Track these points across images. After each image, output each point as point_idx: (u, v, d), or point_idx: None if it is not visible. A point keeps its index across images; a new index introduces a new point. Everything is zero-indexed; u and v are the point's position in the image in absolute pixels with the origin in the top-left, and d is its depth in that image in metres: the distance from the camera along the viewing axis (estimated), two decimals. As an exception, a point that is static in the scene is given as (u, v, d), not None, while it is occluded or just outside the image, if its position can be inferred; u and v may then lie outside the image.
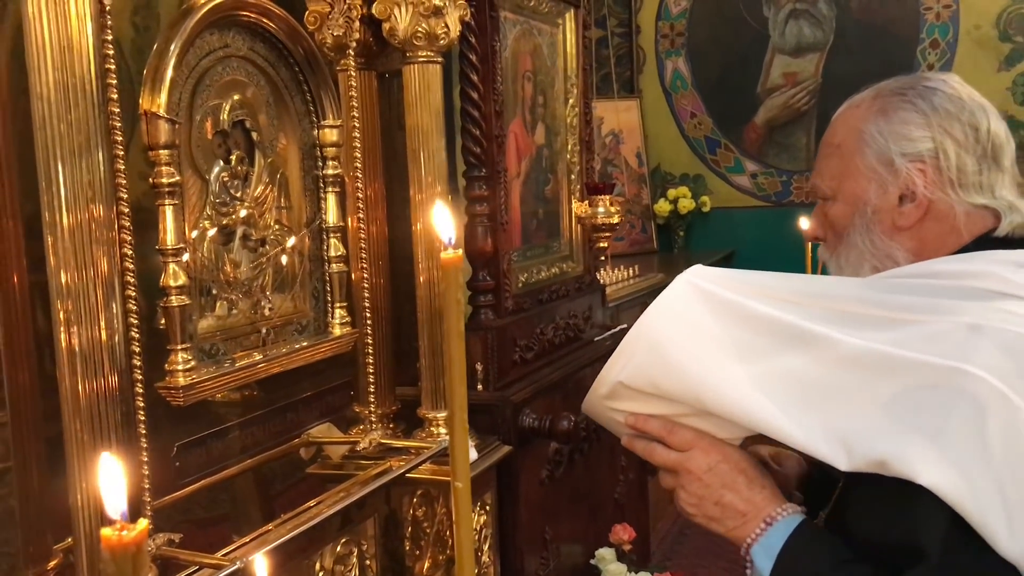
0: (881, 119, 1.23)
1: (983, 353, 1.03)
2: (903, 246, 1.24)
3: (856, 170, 1.25)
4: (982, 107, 1.25)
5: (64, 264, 1.25)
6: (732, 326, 1.19)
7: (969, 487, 0.99)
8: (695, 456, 1.23)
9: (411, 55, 2.08)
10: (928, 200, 1.21)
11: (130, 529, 0.50)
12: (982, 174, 1.20)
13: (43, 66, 1.23)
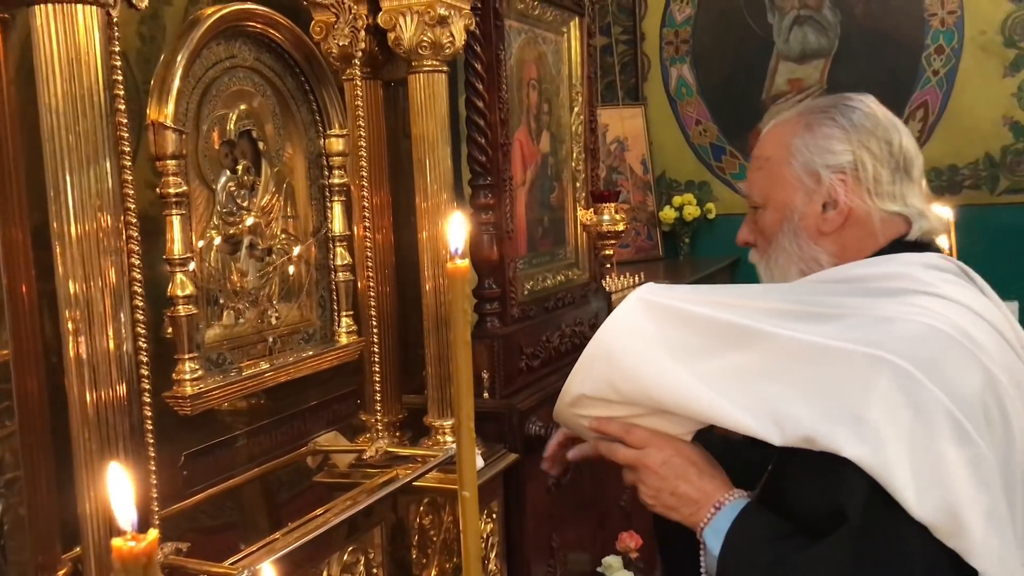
0: (807, 134, 1.35)
1: (895, 341, 1.17)
2: (827, 249, 1.35)
3: (784, 180, 1.37)
4: (895, 125, 1.39)
5: (72, 273, 1.25)
6: (680, 331, 1.30)
7: (884, 458, 1.11)
8: (651, 452, 1.35)
9: (416, 64, 2.09)
10: (849, 207, 1.34)
11: (140, 539, 0.50)
12: (895, 184, 1.34)
13: (51, 77, 1.24)
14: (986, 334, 1.24)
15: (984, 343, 1.22)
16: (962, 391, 1.15)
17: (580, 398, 1.39)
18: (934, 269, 1.30)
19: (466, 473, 0.67)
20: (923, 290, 1.25)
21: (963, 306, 1.24)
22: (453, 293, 0.66)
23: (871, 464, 1.12)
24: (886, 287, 1.28)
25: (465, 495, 0.67)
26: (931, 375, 1.15)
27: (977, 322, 1.24)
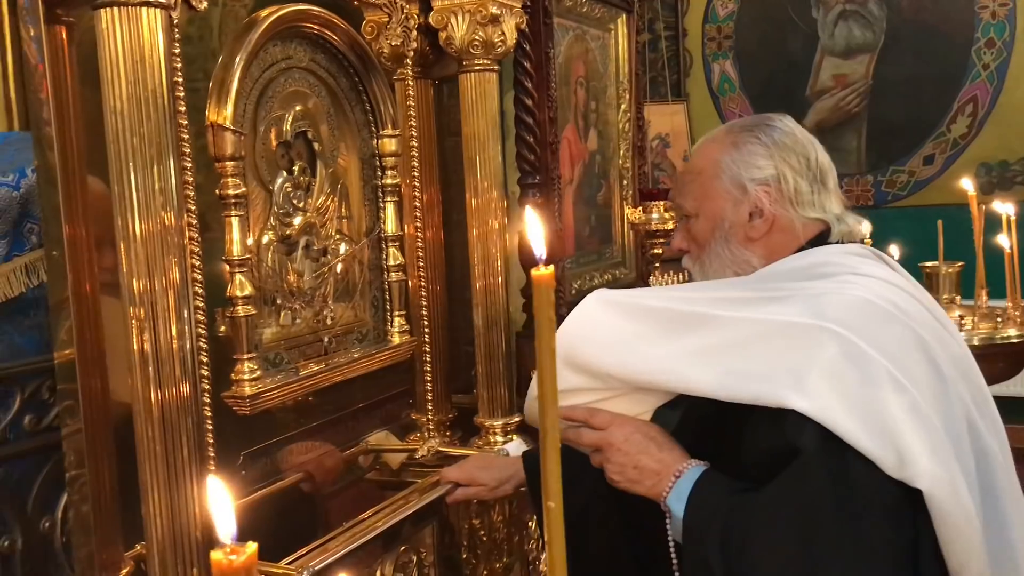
0: (734, 151, 1.48)
1: (832, 311, 1.31)
2: (756, 253, 1.48)
3: (715, 192, 1.49)
4: (811, 142, 1.53)
5: (137, 271, 1.26)
6: (638, 323, 1.43)
7: (831, 408, 1.24)
8: (613, 431, 1.44)
9: (467, 63, 2.08)
10: (773, 215, 1.46)
11: (240, 552, 0.49)
12: (814, 194, 1.47)
13: (116, 80, 1.25)
14: (906, 301, 1.39)
15: (907, 308, 1.37)
16: (893, 348, 1.29)
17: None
18: (854, 255, 1.45)
19: (551, 483, 0.66)
20: (847, 271, 1.39)
21: (883, 280, 1.39)
22: (539, 300, 0.64)
23: (819, 414, 1.24)
24: (816, 272, 1.42)
25: (550, 505, 0.66)
26: (865, 337, 1.28)
27: (897, 292, 1.39)
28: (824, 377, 1.26)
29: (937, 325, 1.42)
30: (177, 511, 1.30)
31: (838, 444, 1.23)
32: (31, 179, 1.72)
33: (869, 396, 1.25)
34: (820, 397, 1.25)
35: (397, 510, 1.86)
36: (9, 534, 1.62)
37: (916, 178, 5.53)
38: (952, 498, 1.23)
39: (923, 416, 1.26)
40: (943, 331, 1.42)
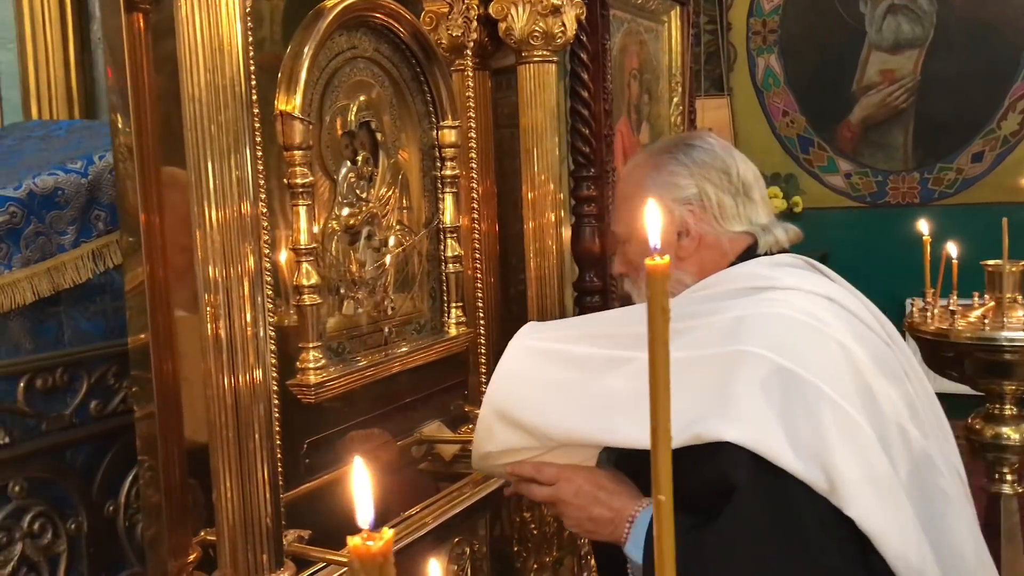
0: (655, 173, 1.50)
1: (751, 334, 1.30)
2: (687, 272, 1.49)
3: (641, 214, 1.47)
4: (732, 156, 1.53)
5: (212, 258, 1.27)
6: (561, 371, 1.44)
7: (760, 434, 1.23)
8: (562, 487, 1.45)
9: (527, 54, 2.07)
10: (700, 234, 1.49)
11: (376, 538, 0.49)
12: (738, 207, 1.48)
13: (195, 68, 1.25)
14: (832, 313, 1.37)
15: (831, 320, 1.35)
16: (817, 364, 1.28)
17: (488, 455, 1.51)
18: (781, 266, 1.45)
19: (663, 477, 0.65)
20: (769, 285, 1.39)
21: (807, 292, 1.38)
22: (652, 291, 0.63)
23: (749, 441, 1.23)
24: (737, 288, 1.41)
25: (661, 499, 0.65)
26: (787, 355, 1.27)
27: (822, 303, 1.38)
28: (751, 402, 1.25)
29: (865, 330, 1.41)
30: (248, 497, 1.31)
31: (773, 471, 1.23)
32: (99, 166, 1.74)
33: (797, 417, 1.24)
34: (750, 424, 1.24)
35: (452, 502, 1.86)
36: (75, 517, 1.65)
37: (964, 176, 5.45)
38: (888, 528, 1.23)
39: (853, 432, 1.26)
40: (872, 335, 1.41)
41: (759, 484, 1.24)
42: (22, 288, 1.59)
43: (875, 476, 1.25)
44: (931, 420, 1.43)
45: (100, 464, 1.70)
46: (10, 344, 1.59)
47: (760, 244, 1.49)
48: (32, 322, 1.63)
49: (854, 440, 1.25)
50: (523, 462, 1.47)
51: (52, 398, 1.62)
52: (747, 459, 1.24)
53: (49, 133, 2.02)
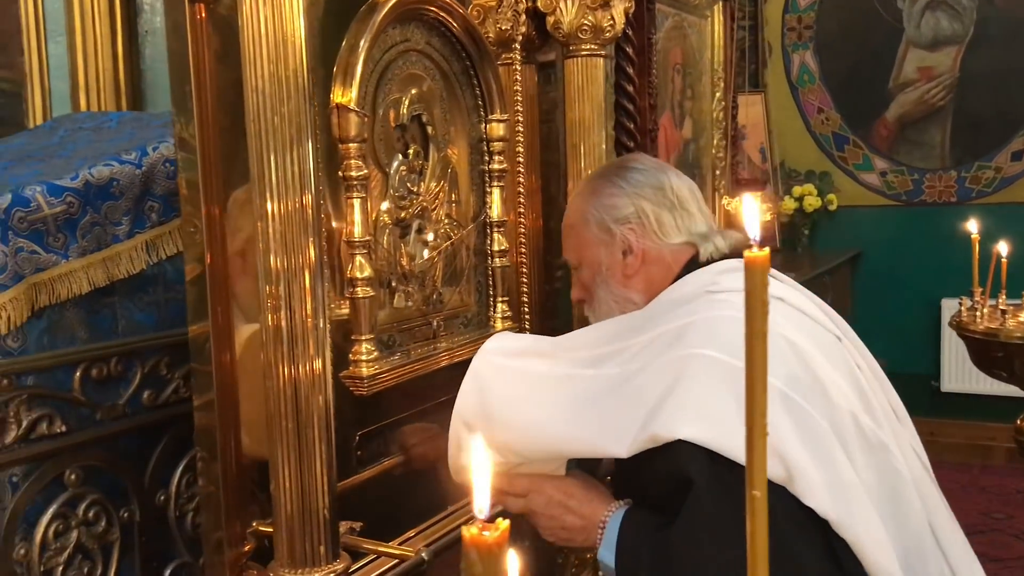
0: (594, 199, 1.57)
1: (698, 338, 1.33)
2: (635, 288, 1.55)
3: (587, 241, 1.58)
4: (664, 171, 1.59)
5: (273, 250, 1.27)
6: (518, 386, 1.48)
7: (715, 429, 1.25)
8: (533, 498, 1.48)
9: (574, 48, 2.07)
10: (642, 249, 1.54)
11: (492, 529, 0.49)
12: (676, 220, 1.54)
13: (259, 59, 1.26)
14: (780, 312, 1.40)
15: (778, 319, 1.37)
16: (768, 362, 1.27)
17: (460, 467, 1.53)
18: (729, 272, 1.48)
19: (757, 472, 0.64)
20: (713, 291, 1.43)
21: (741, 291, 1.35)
22: (752, 283, 0.63)
23: (703, 437, 1.25)
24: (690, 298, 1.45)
25: (755, 494, 0.64)
26: (734, 354, 1.29)
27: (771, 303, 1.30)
28: (702, 401, 1.28)
29: (815, 326, 1.44)
30: (306, 488, 1.31)
31: (729, 464, 1.25)
32: (152, 157, 1.75)
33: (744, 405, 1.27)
34: (702, 421, 1.27)
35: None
36: (128, 506, 1.66)
37: (1003, 174, 5.38)
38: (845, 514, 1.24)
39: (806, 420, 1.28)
40: (823, 331, 1.44)
41: (716, 479, 1.25)
42: (78, 278, 1.60)
43: (830, 464, 1.27)
44: (886, 410, 1.46)
45: (152, 454, 1.71)
46: (66, 334, 1.61)
47: (701, 253, 1.54)
48: (87, 312, 1.64)
49: (808, 430, 1.28)
50: (495, 475, 1.47)
51: (106, 388, 1.64)
52: (702, 455, 1.26)
53: (100, 124, 2.04)
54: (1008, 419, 3.46)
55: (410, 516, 1.70)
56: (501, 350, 1.51)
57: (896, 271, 5.63)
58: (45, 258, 1.56)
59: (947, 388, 5.51)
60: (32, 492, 1.52)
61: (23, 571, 1.51)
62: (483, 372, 1.50)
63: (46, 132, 2.08)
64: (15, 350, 1.51)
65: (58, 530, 1.55)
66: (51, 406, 1.54)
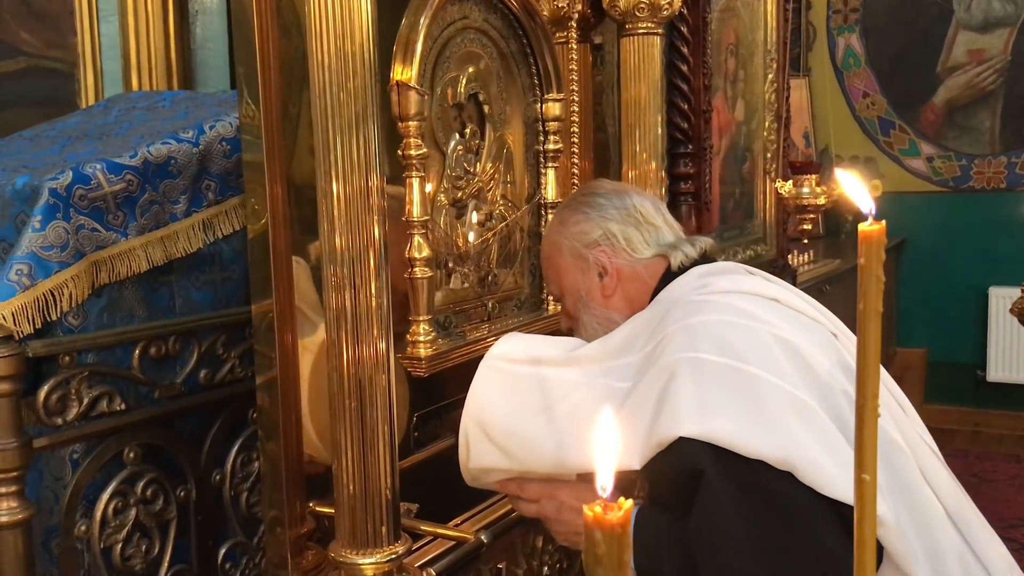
0: (564, 229, 1.61)
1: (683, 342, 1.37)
2: (616, 308, 1.58)
3: (564, 269, 1.61)
4: (625, 192, 1.65)
5: (338, 230, 1.26)
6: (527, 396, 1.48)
7: (712, 423, 1.28)
8: (545, 504, 1.48)
9: (631, 27, 2.03)
10: (616, 268, 1.58)
11: (614, 509, 0.47)
12: (643, 235, 1.59)
13: (325, 34, 1.24)
14: (770, 311, 1.44)
15: (767, 317, 1.41)
16: (753, 355, 1.34)
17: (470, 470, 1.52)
18: (710, 275, 1.53)
19: (867, 456, 0.62)
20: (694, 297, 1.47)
21: (733, 292, 1.46)
22: (868, 258, 0.60)
23: (702, 433, 1.28)
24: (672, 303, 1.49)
25: (865, 478, 0.62)
26: (720, 353, 1.34)
27: (760, 302, 1.46)
28: (695, 399, 1.31)
29: (809, 322, 1.48)
30: (369, 468, 1.30)
31: (732, 456, 1.27)
32: (209, 136, 1.74)
33: (742, 403, 1.30)
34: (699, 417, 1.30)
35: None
36: (184, 484, 1.66)
37: (1055, 160, 5.26)
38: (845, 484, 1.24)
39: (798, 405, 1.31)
40: (816, 326, 1.48)
41: (724, 467, 1.28)
42: (137, 256, 1.60)
43: (829, 444, 1.29)
44: (888, 402, 1.48)
45: (208, 433, 1.71)
46: (125, 312, 1.61)
47: (672, 262, 1.58)
48: (145, 290, 1.64)
49: (802, 415, 1.30)
50: (507, 480, 1.51)
51: (164, 366, 1.64)
52: (706, 448, 1.28)
53: (153, 104, 2.03)
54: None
55: (464, 498, 1.68)
56: (509, 356, 1.51)
57: (942, 259, 5.53)
58: (105, 236, 1.56)
59: (993, 378, 5.41)
60: (92, 469, 1.52)
61: (83, 547, 1.52)
62: (491, 375, 1.50)
63: (100, 111, 2.08)
64: (76, 327, 1.51)
65: (117, 507, 1.55)
66: (111, 384, 1.54)
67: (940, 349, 5.64)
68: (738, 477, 1.27)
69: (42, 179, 1.50)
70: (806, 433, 1.28)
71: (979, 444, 5.30)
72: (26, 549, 1.39)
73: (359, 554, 1.31)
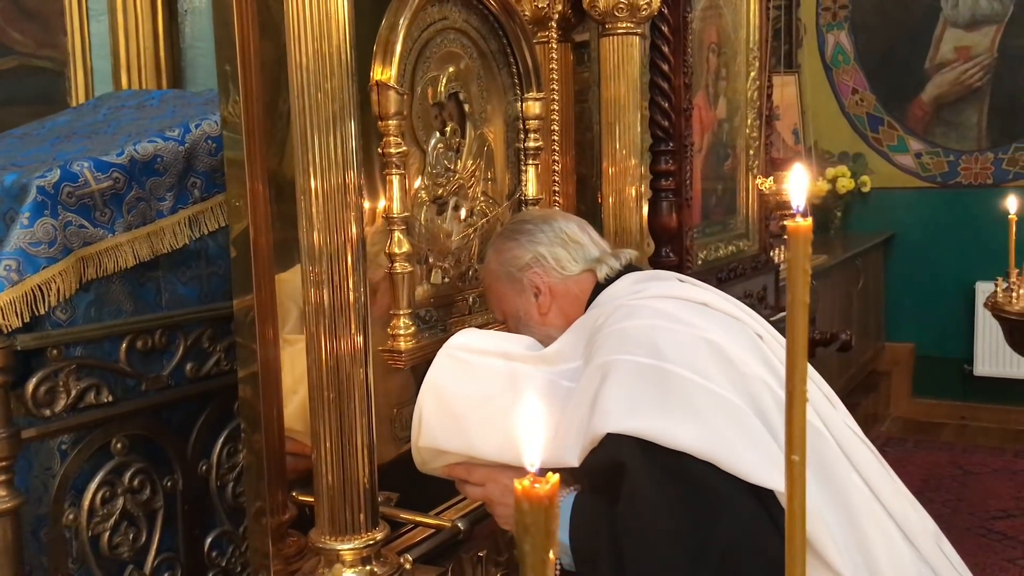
0: (498, 256, 1.70)
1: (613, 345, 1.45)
2: (553, 324, 1.66)
3: (503, 295, 1.70)
4: (551, 217, 1.74)
5: (316, 227, 1.30)
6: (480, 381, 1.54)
7: (638, 419, 1.36)
8: (490, 488, 1.53)
9: (610, 27, 2.07)
10: (548, 286, 1.67)
11: (543, 482, 0.51)
12: (571, 253, 1.68)
13: (303, 35, 1.28)
14: (690, 311, 1.53)
15: (689, 318, 1.50)
16: (677, 356, 1.42)
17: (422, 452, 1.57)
18: (639, 282, 1.64)
19: (796, 438, 0.66)
20: (627, 302, 1.55)
21: (664, 297, 1.57)
22: (794, 252, 0.64)
23: (629, 428, 1.35)
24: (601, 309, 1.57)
25: (795, 459, 0.66)
26: (653, 354, 1.42)
27: (681, 304, 1.55)
28: (621, 397, 1.38)
29: (735, 323, 1.56)
30: (347, 458, 1.34)
31: (656, 448, 1.34)
32: (195, 134, 1.78)
33: (666, 399, 1.38)
34: (624, 413, 1.37)
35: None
36: (171, 475, 1.71)
37: (1041, 156, 5.30)
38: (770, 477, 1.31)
39: (719, 401, 1.38)
40: (743, 327, 1.56)
41: (646, 460, 1.35)
42: (124, 252, 1.64)
43: (751, 436, 1.35)
44: (813, 393, 1.55)
45: (194, 424, 1.75)
46: (112, 306, 1.65)
47: (599, 275, 1.67)
48: (132, 285, 1.68)
49: (724, 411, 1.38)
50: (455, 465, 1.56)
51: (151, 359, 1.68)
52: (631, 442, 1.35)
53: (142, 102, 2.07)
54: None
55: (448, 490, 1.72)
56: (467, 346, 1.57)
57: (930, 254, 5.58)
58: (92, 232, 1.59)
59: (980, 372, 5.47)
60: (80, 460, 1.56)
61: (71, 536, 1.56)
62: (448, 365, 1.55)
63: (90, 110, 2.12)
64: (64, 321, 1.55)
65: (105, 497, 1.59)
66: (98, 376, 1.58)
67: (928, 343, 5.69)
68: (662, 466, 1.34)
69: (30, 177, 1.54)
70: (728, 427, 1.36)
71: (965, 438, 5.35)
72: (15, 537, 1.43)
73: (338, 540, 1.36)
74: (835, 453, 1.47)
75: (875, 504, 1.45)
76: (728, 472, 1.32)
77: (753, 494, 1.32)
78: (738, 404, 1.39)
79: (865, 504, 1.44)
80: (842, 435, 1.51)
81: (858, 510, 1.42)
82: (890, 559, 1.41)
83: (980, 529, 4.10)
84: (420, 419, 1.53)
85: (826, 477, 1.43)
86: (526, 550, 0.51)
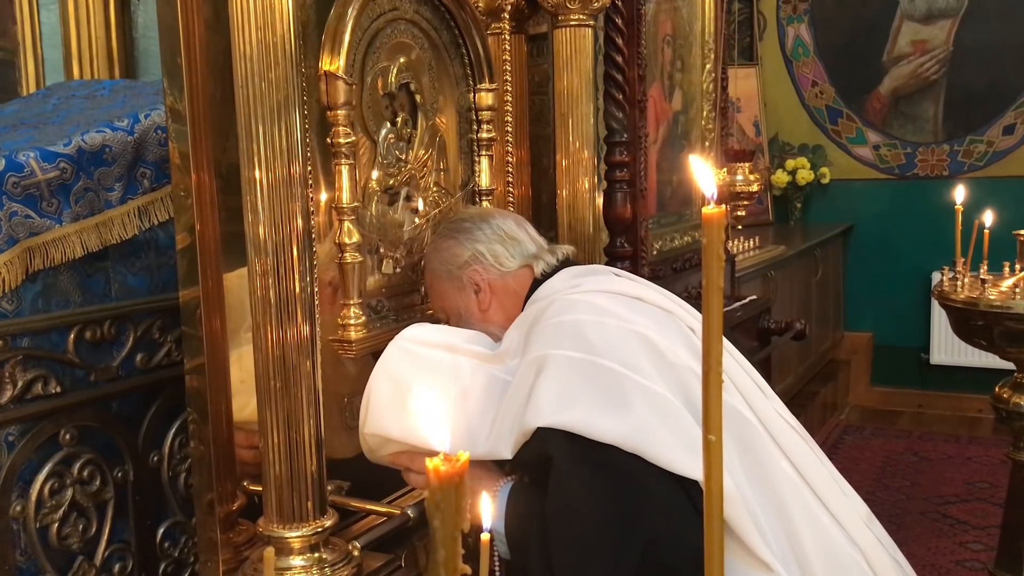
0: (437, 255, 1.74)
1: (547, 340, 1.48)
2: (493, 321, 1.69)
3: (444, 292, 1.73)
4: (489, 215, 1.77)
5: (262, 219, 1.30)
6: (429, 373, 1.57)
7: (567, 414, 1.39)
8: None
9: (563, 18, 2.08)
10: (488, 282, 1.70)
11: (452, 461, 0.53)
12: (508, 249, 1.71)
13: (246, 25, 1.28)
14: (624, 305, 1.56)
15: (622, 312, 1.53)
16: (607, 350, 1.45)
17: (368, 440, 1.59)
18: (576, 276, 1.67)
19: (712, 418, 0.68)
20: (563, 296, 1.59)
21: (599, 291, 1.59)
22: (709, 238, 0.66)
23: (558, 422, 1.39)
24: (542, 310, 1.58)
25: (711, 439, 0.68)
26: (584, 348, 1.45)
27: (615, 298, 1.58)
28: (551, 391, 1.42)
29: (667, 317, 1.60)
30: (295, 448, 1.35)
31: (583, 440, 1.38)
32: (144, 124, 1.77)
33: (594, 393, 1.41)
34: (553, 408, 1.40)
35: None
36: (122, 466, 1.70)
37: (995, 148, 5.40)
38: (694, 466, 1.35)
39: (647, 394, 1.41)
40: (675, 321, 1.60)
41: (572, 453, 1.38)
42: (72, 242, 1.63)
43: (678, 428, 1.40)
44: (747, 384, 1.59)
45: (145, 415, 1.75)
46: (60, 297, 1.63)
47: (536, 271, 1.71)
48: (81, 276, 1.67)
49: (653, 404, 1.41)
50: (400, 453, 1.57)
51: (100, 350, 1.67)
52: (559, 436, 1.39)
53: (93, 92, 2.05)
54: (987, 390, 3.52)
55: (399, 478, 1.74)
56: (419, 339, 1.59)
57: (888, 244, 5.67)
58: (39, 223, 1.58)
59: (936, 361, 5.57)
60: (28, 451, 1.55)
61: (19, 527, 1.55)
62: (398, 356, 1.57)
63: (39, 100, 2.10)
64: (10, 312, 1.54)
65: (53, 488, 1.58)
66: (46, 367, 1.57)
67: (886, 333, 5.79)
68: (588, 459, 1.37)
69: (-26, 167, 1.53)
70: (656, 419, 1.39)
71: (922, 425, 5.45)
72: (-39, 529, 1.42)
73: (286, 528, 1.37)
74: (764, 441, 1.50)
75: (804, 489, 1.49)
76: (654, 463, 1.35)
77: (679, 485, 1.36)
78: (667, 396, 1.42)
79: (793, 490, 1.47)
80: (772, 423, 1.54)
81: (786, 497, 1.46)
82: (817, 544, 1.45)
83: (934, 513, 4.19)
84: (367, 407, 1.54)
85: (753, 463, 1.47)
86: (436, 526, 0.53)
